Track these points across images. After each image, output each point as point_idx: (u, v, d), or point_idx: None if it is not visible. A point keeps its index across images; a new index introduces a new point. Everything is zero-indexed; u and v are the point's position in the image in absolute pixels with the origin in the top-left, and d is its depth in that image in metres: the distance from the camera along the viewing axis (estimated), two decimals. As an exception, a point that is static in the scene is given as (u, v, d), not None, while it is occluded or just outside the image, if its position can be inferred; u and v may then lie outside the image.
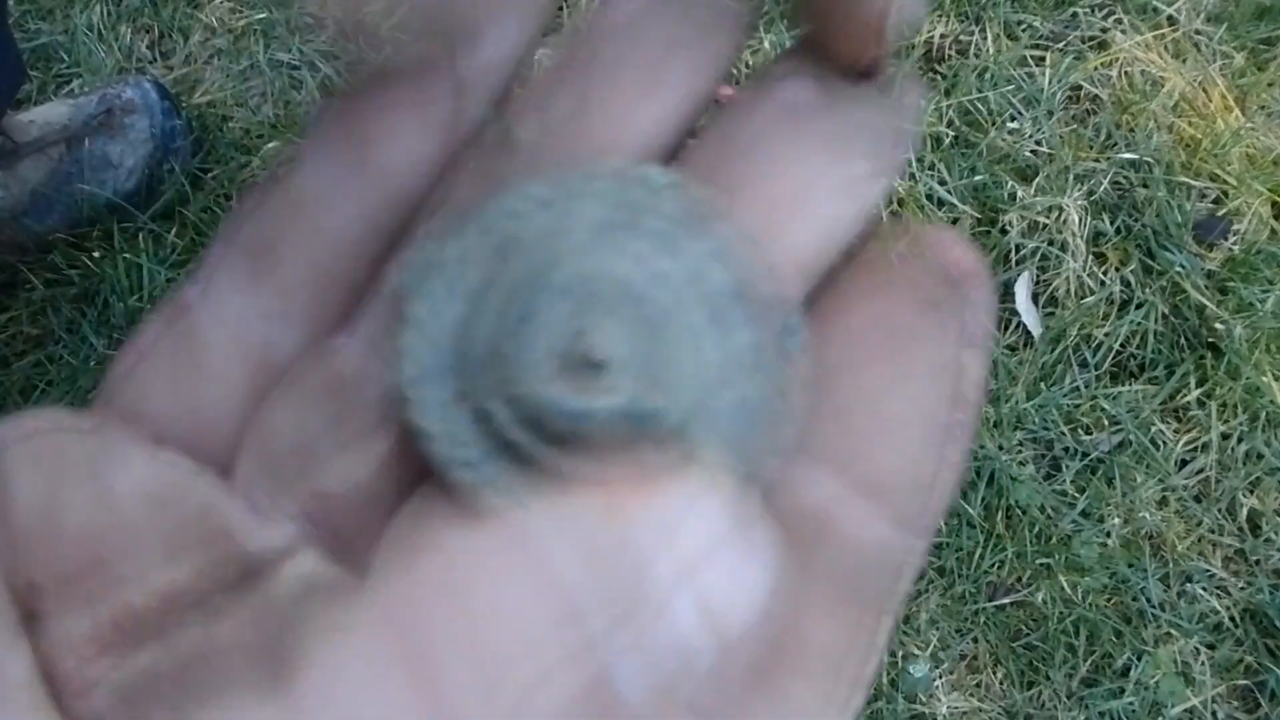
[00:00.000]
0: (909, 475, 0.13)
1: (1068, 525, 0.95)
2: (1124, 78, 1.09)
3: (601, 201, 0.14)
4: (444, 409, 0.13)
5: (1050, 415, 0.98)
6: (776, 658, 0.12)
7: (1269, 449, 0.99)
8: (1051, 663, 0.92)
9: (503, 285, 0.14)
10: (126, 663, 0.13)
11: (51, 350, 0.90)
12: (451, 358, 0.14)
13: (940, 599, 0.92)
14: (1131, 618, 0.93)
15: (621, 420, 0.13)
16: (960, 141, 1.05)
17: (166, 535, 0.13)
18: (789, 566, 0.12)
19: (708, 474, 0.12)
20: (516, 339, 0.13)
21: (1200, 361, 1.01)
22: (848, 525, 0.13)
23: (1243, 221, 1.05)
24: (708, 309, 0.13)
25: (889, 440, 0.13)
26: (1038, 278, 1.02)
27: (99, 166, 0.90)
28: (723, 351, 0.13)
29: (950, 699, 0.90)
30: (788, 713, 0.12)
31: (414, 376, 0.14)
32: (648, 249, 0.13)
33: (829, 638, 0.12)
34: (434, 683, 0.13)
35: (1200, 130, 1.07)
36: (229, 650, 0.13)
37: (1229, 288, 1.03)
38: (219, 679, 0.13)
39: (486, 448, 0.13)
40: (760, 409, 0.13)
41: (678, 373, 0.13)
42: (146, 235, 0.92)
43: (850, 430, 0.13)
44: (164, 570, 0.13)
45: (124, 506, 0.13)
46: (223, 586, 0.13)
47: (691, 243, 0.14)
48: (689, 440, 0.13)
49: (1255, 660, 0.94)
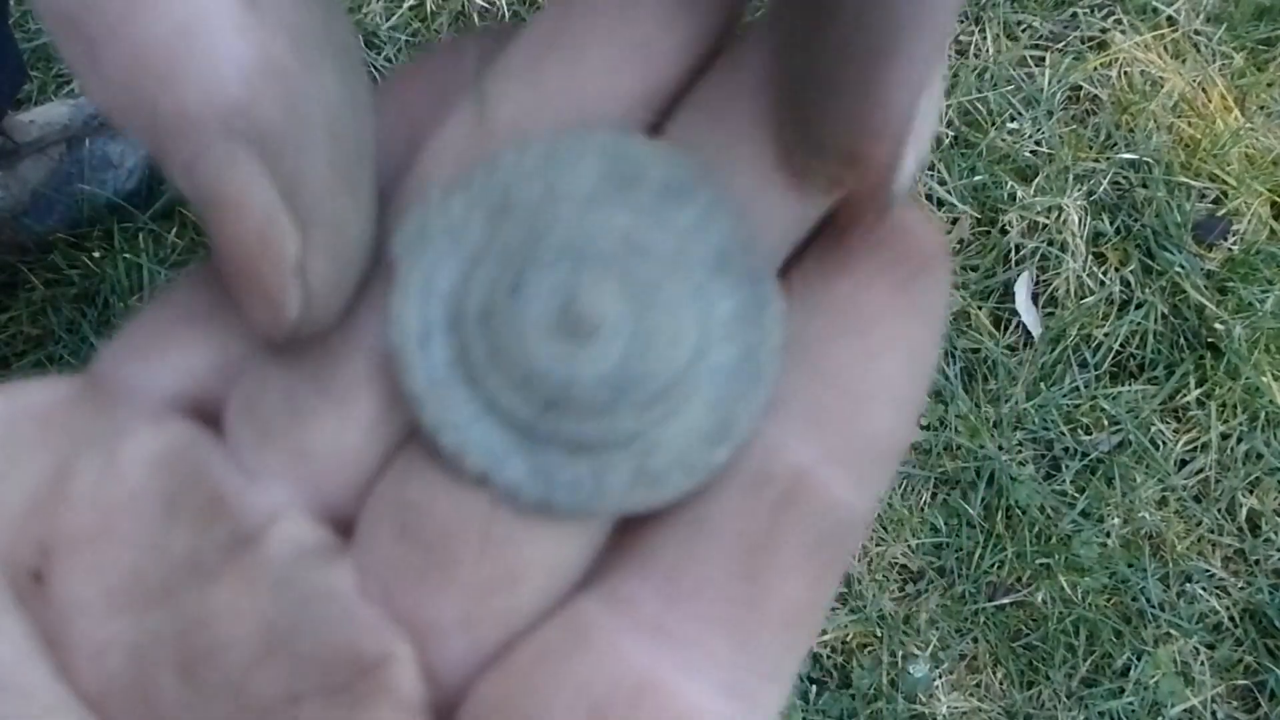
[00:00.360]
0: (873, 444, 0.14)
1: (1068, 525, 0.95)
2: (1124, 78, 1.09)
3: (590, 173, 0.14)
4: (433, 372, 0.14)
5: (1050, 415, 0.98)
6: (745, 607, 0.13)
7: (1269, 449, 0.99)
8: (1051, 663, 0.92)
9: (496, 250, 0.14)
10: (138, 625, 0.13)
11: (51, 350, 0.90)
12: (444, 321, 0.14)
13: (940, 599, 0.92)
14: (1131, 618, 0.93)
15: (606, 385, 0.13)
16: (960, 141, 1.05)
17: (166, 500, 0.13)
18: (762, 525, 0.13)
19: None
20: (509, 303, 0.14)
21: (1200, 361, 1.01)
22: (818, 487, 0.13)
23: (1242, 221, 1.05)
24: (693, 278, 0.14)
25: (857, 411, 0.14)
26: (1038, 278, 1.02)
27: (99, 166, 0.90)
28: (706, 319, 0.14)
29: (950, 699, 0.90)
30: (752, 657, 0.13)
31: (405, 339, 0.14)
32: (636, 221, 0.14)
33: (793, 591, 0.13)
34: (423, 650, 0.13)
35: (1200, 130, 1.07)
36: (226, 615, 0.13)
37: (1229, 288, 1.03)
38: (218, 644, 0.13)
39: (475, 410, 0.14)
40: (737, 374, 0.14)
41: (664, 339, 0.13)
42: (147, 235, 0.93)
43: (823, 399, 0.14)
44: (165, 535, 0.13)
45: (129, 473, 0.13)
46: (216, 550, 0.13)
47: (679, 211, 0.14)
48: (669, 405, 0.13)
49: (1255, 660, 0.94)
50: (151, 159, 0.92)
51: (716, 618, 0.13)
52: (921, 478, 0.95)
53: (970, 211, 1.03)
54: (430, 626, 0.13)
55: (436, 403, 0.14)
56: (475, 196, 0.14)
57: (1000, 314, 1.01)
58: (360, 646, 0.13)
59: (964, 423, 0.96)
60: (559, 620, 0.13)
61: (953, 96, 1.06)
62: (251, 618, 0.13)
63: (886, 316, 0.14)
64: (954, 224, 1.03)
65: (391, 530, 0.13)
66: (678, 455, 0.13)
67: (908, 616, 0.92)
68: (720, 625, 0.13)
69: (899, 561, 0.93)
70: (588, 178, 0.14)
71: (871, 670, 0.89)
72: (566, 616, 0.13)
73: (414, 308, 0.14)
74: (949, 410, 0.96)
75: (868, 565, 0.92)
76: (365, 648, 0.13)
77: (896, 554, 0.93)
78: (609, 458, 0.13)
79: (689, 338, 0.14)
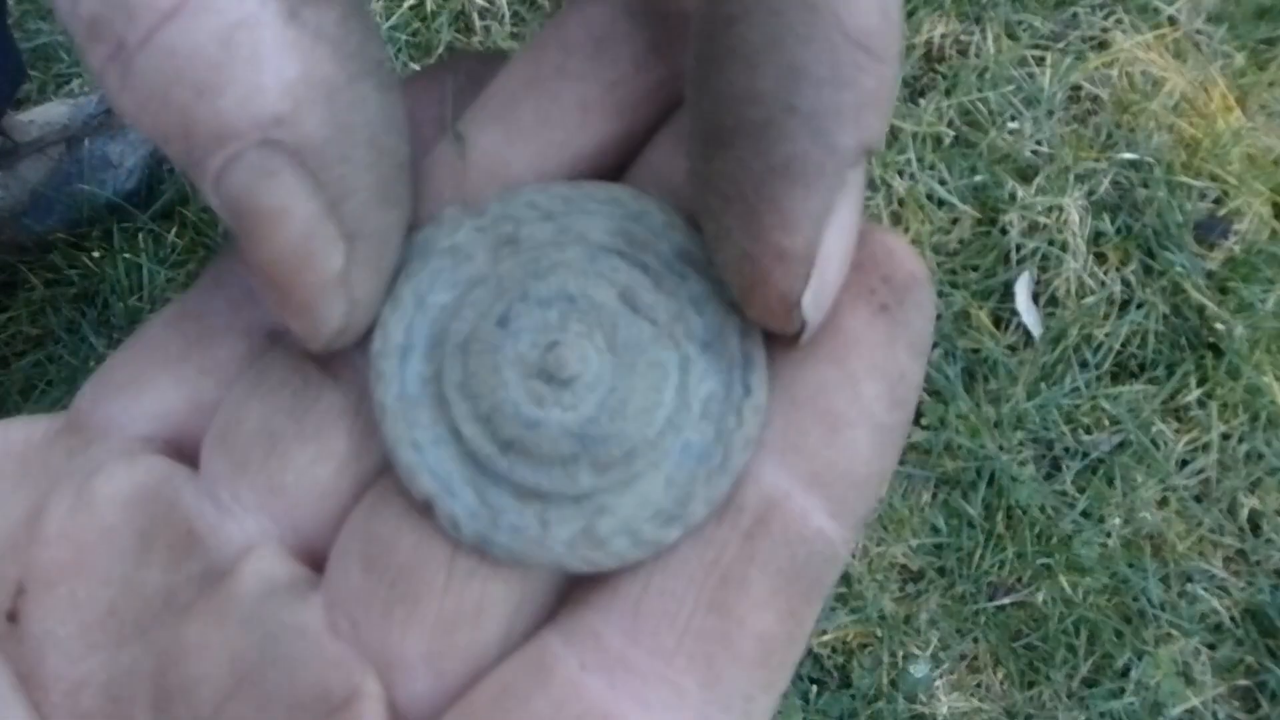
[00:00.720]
0: (851, 471, 0.13)
1: (1068, 525, 0.95)
2: (1124, 78, 1.09)
3: (604, 226, 0.14)
4: (406, 387, 0.14)
5: (1050, 415, 0.98)
6: (714, 642, 0.13)
7: (1269, 449, 0.99)
8: (1051, 663, 0.92)
9: (491, 283, 0.14)
10: (112, 662, 0.13)
11: (51, 350, 0.90)
12: (426, 342, 0.14)
13: (940, 599, 0.92)
14: (1132, 618, 0.93)
15: (571, 438, 0.13)
16: (960, 141, 1.05)
17: (140, 535, 0.13)
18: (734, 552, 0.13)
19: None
20: (494, 334, 0.13)
21: (1200, 361, 1.01)
22: (793, 516, 0.13)
23: (1243, 221, 1.05)
24: (681, 350, 0.14)
25: (835, 438, 0.13)
26: (1038, 278, 1.02)
27: (99, 166, 0.90)
28: (685, 394, 0.13)
29: (950, 699, 0.90)
30: (720, 695, 0.13)
31: (385, 350, 0.14)
32: (638, 282, 0.14)
33: (765, 625, 0.13)
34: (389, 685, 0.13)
35: (1200, 130, 1.07)
36: (198, 650, 0.13)
37: (1229, 288, 1.03)
38: (190, 680, 0.13)
39: (437, 434, 0.13)
40: (705, 457, 0.13)
41: (639, 404, 0.13)
42: (146, 235, 0.93)
43: (799, 426, 0.13)
44: (138, 570, 0.13)
45: (103, 509, 0.13)
46: (189, 585, 0.13)
47: (679, 285, 0.14)
48: (630, 472, 0.13)
49: (1255, 660, 0.94)
50: (152, 161, 0.92)
51: (684, 652, 0.13)
52: (921, 478, 0.95)
53: (970, 211, 1.03)
54: (396, 662, 0.13)
55: (402, 419, 0.13)
56: (486, 224, 0.14)
57: (1000, 314, 1.01)
58: (328, 684, 0.13)
59: (964, 423, 0.96)
60: (521, 656, 0.13)
61: (953, 96, 1.06)
62: (222, 653, 0.13)
63: (866, 342, 0.14)
64: (954, 224, 1.03)
65: (359, 564, 0.13)
66: (627, 524, 0.13)
67: (908, 616, 0.92)
68: (688, 660, 0.13)
69: (899, 561, 0.93)
70: (602, 229, 0.14)
71: (871, 670, 0.89)
72: (529, 652, 0.13)
73: (401, 321, 0.14)
74: (949, 410, 0.96)
75: (868, 565, 0.92)
76: (333, 685, 0.13)
77: (896, 554, 0.93)
78: (559, 511, 0.13)
79: (664, 409, 0.13)
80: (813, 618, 0.13)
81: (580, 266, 0.14)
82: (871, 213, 1.00)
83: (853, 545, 0.14)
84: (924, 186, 1.02)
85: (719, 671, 0.13)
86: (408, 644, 0.13)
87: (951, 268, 1.01)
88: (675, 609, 0.13)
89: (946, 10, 1.09)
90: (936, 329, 0.98)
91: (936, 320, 0.14)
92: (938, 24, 1.09)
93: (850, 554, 0.14)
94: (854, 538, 0.14)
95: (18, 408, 0.88)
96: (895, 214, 1.02)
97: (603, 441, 0.13)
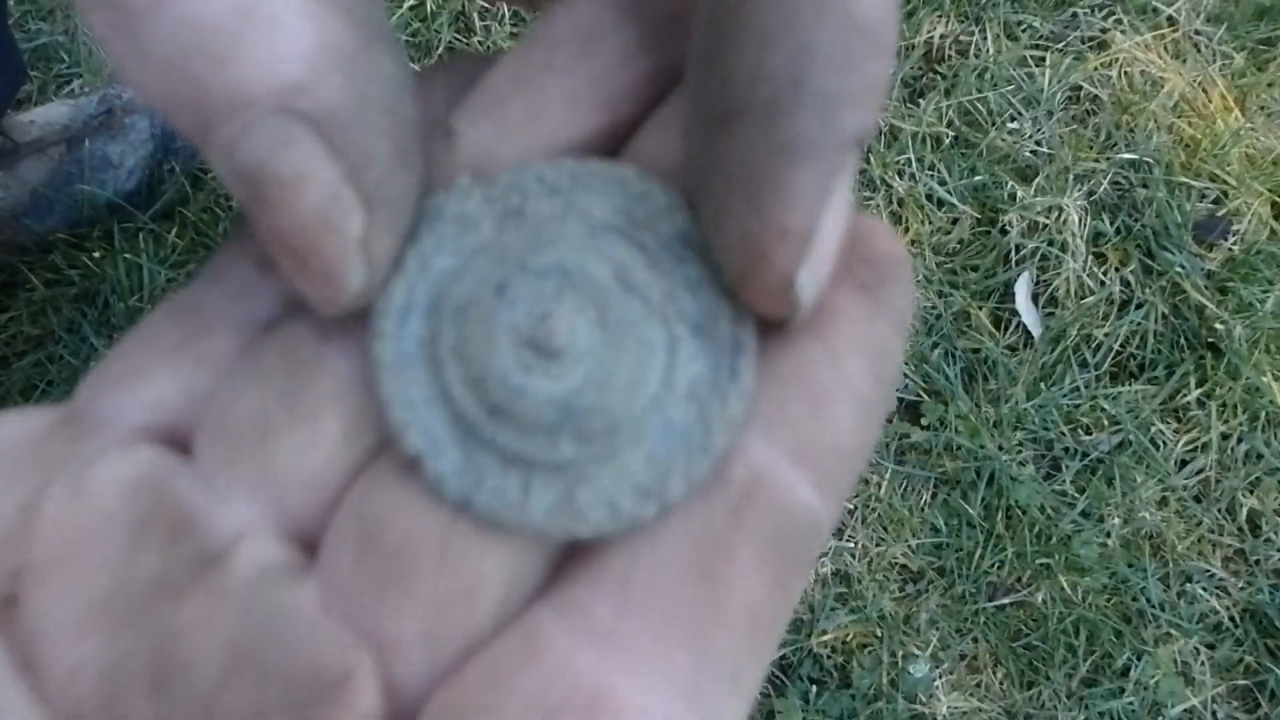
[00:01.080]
0: (835, 445, 0.14)
1: (1068, 525, 0.95)
2: (1124, 78, 1.09)
3: (607, 204, 0.14)
4: (403, 346, 0.14)
5: (1050, 415, 0.98)
6: (703, 611, 0.13)
7: (1269, 449, 0.99)
8: (1051, 663, 0.92)
9: (493, 252, 0.14)
10: (109, 646, 0.13)
11: (51, 350, 0.90)
12: (426, 304, 0.14)
13: (940, 599, 0.92)
14: (1131, 618, 0.93)
15: (555, 407, 0.13)
16: (960, 141, 1.05)
17: (135, 522, 0.14)
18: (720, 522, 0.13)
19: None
20: (490, 301, 0.14)
21: (1200, 361, 1.01)
22: (779, 488, 0.13)
23: (1242, 222, 1.05)
24: (672, 331, 0.14)
25: (820, 412, 0.14)
26: (1038, 278, 1.02)
27: (99, 166, 0.90)
28: (671, 374, 0.14)
29: (950, 699, 0.90)
30: (710, 664, 0.13)
31: (386, 309, 0.14)
32: (635, 261, 0.14)
33: (753, 594, 0.13)
34: (384, 665, 0.13)
35: (1200, 130, 1.07)
36: (193, 633, 0.13)
37: (1229, 288, 1.03)
38: (187, 662, 0.13)
39: (429, 394, 0.14)
40: (687, 437, 0.14)
41: (624, 379, 0.13)
42: (147, 235, 0.93)
43: (784, 401, 0.14)
44: (135, 556, 0.13)
45: (99, 498, 0.14)
46: (184, 569, 0.13)
47: (675, 267, 0.14)
48: (611, 445, 0.13)
49: (1255, 660, 0.94)
50: (153, 161, 0.92)
51: (673, 622, 0.13)
52: (921, 478, 0.95)
53: (970, 211, 1.03)
54: (391, 641, 0.13)
55: (397, 376, 0.14)
56: (495, 194, 0.15)
57: (1000, 314, 1.01)
58: (323, 663, 0.13)
59: (964, 423, 0.96)
60: (513, 631, 0.13)
61: (953, 96, 1.06)
62: (218, 636, 0.13)
63: (848, 319, 0.14)
64: (954, 224, 1.03)
65: (354, 545, 0.13)
66: (605, 496, 0.13)
67: (908, 616, 0.92)
68: (677, 630, 0.13)
69: (899, 561, 0.93)
70: (605, 206, 0.14)
71: (871, 670, 0.89)
72: (520, 627, 0.13)
73: (404, 282, 0.14)
74: (949, 410, 0.96)
75: (868, 565, 0.92)
76: (327, 665, 0.13)
77: (896, 554, 0.93)
78: (540, 478, 0.13)
79: (649, 386, 0.14)
80: (798, 589, 0.14)
81: (579, 242, 0.14)
82: (872, 213, 1.00)
83: (836, 518, 0.14)
84: (924, 187, 1.02)
85: (708, 641, 0.13)
86: (402, 624, 0.13)
87: (951, 268, 1.01)
88: (664, 580, 0.13)
89: (946, 10, 1.09)
90: (936, 329, 0.98)
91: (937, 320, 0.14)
92: (938, 24, 1.09)
93: (833, 526, 0.14)
94: (837, 510, 0.14)
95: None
96: (895, 214, 1.02)
97: (586, 413, 0.13)
